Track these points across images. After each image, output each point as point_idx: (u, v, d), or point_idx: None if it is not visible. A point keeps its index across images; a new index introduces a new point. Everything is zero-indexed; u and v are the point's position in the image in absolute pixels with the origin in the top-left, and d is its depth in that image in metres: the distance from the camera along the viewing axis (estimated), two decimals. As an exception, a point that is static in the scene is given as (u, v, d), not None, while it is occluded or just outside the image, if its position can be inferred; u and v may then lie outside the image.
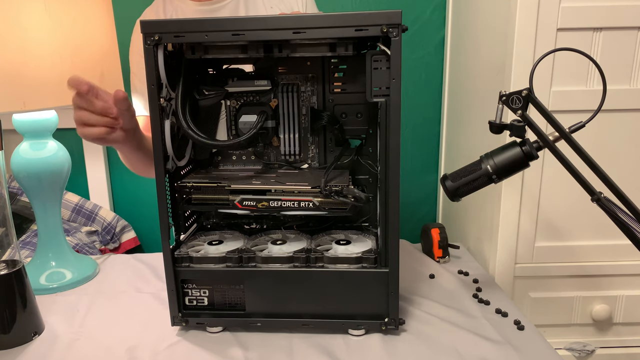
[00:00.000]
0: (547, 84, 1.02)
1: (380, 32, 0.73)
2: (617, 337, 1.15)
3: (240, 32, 0.75)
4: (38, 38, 0.93)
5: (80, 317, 0.93)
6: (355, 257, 0.83)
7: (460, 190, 0.82)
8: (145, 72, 0.78)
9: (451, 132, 1.46)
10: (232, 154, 0.97)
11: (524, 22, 0.98)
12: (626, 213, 0.72)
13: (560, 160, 0.75)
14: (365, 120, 0.93)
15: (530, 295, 1.13)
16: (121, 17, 1.19)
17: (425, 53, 1.49)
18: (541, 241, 1.10)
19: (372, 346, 0.82)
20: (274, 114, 0.90)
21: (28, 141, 1.04)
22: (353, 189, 0.83)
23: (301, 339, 0.84)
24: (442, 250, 1.15)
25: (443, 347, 0.81)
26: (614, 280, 1.12)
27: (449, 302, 0.96)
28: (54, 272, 1.06)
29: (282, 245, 0.88)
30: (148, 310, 0.95)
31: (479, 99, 1.22)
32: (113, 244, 1.46)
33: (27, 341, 0.86)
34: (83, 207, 1.45)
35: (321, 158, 0.96)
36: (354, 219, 0.97)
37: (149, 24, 0.76)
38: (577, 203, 1.07)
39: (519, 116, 0.77)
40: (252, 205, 0.84)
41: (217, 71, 0.93)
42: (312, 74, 0.91)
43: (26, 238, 1.33)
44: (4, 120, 0.96)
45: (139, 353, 0.82)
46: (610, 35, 1.00)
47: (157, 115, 0.79)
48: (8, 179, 1.39)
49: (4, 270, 0.85)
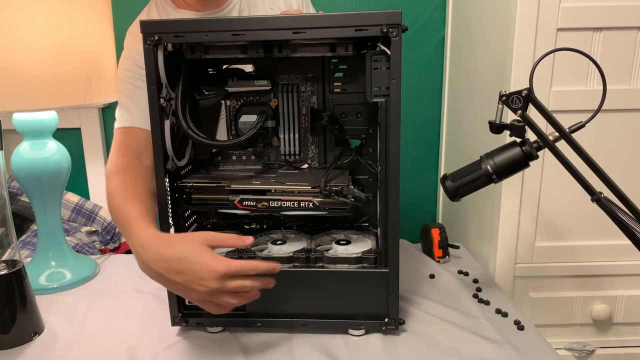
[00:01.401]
0: (547, 84, 1.01)
1: (380, 32, 0.73)
2: (617, 337, 1.15)
3: (240, 32, 0.75)
4: (26, 37, 0.93)
5: (80, 317, 0.93)
6: (355, 257, 0.83)
7: (460, 190, 0.82)
8: (145, 72, 0.78)
9: (451, 132, 1.46)
10: (232, 154, 0.97)
11: (524, 22, 0.98)
12: (626, 213, 0.72)
13: (560, 160, 0.75)
14: (365, 120, 0.93)
15: (530, 295, 1.13)
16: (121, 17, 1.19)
17: (425, 53, 1.49)
18: (541, 241, 1.10)
19: (372, 346, 0.82)
20: (274, 114, 0.90)
21: (28, 141, 1.04)
22: (353, 189, 0.83)
23: (301, 339, 0.84)
24: (442, 250, 1.15)
25: (443, 347, 0.81)
26: (614, 280, 1.12)
27: (449, 302, 0.96)
28: (54, 272, 1.06)
29: (282, 245, 0.88)
30: (148, 310, 0.95)
31: (479, 99, 1.22)
32: (113, 244, 1.46)
33: (27, 341, 0.86)
34: (83, 207, 1.45)
35: (321, 158, 0.96)
36: (354, 219, 0.97)
37: (149, 24, 0.76)
38: (577, 203, 1.07)
39: (519, 116, 0.77)
40: (252, 205, 0.84)
41: (217, 71, 0.93)
42: (312, 74, 0.91)
43: (26, 238, 1.33)
44: (4, 120, 0.96)
45: (139, 353, 0.82)
46: (610, 35, 1.00)
47: (157, 115, 0.79)
48: (8, 179, 1.39)
49: (4, 270, 0.85)
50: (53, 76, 0.96)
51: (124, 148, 0.92)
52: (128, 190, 0.84)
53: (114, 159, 0.91)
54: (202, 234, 0.73)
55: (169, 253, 0.71)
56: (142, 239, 0.74)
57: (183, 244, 0.72)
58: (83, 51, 1.01)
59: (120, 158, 0.90)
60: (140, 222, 0.76)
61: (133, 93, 0.95)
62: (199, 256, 0.70)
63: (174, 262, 0.70)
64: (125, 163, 0.89)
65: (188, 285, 0.71)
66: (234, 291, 0.72)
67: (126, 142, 0.93)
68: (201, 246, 0.71)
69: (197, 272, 0.69)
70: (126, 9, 1.27)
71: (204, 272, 0.69)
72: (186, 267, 0.70)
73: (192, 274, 0.70)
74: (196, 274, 0.69)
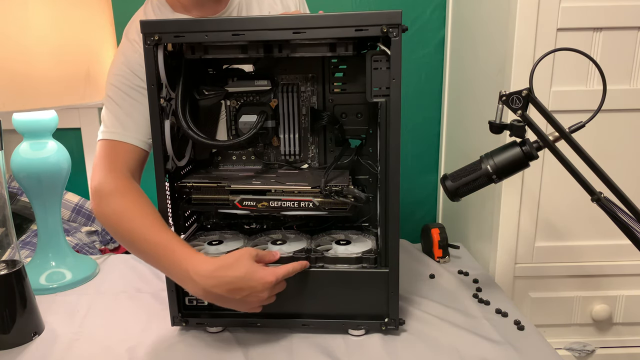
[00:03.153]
0: (547, 84, 1.02)
1: (380, 32, 0.73)
2: (617, 337, 1.15)
3: (240, 32, 0.75)
4: (25, 37, 0.93)
5: (80, 317, 0.93)
6: (356, 257, 0.83)
7: (460, 190, 0.82)
8: (145, 73, 0.78)
9: (451, 132, 1.46)
10: (232, 154, 0.97)
11: (524, 22, 0.98)
12: (626, 213, 0.72)
13: (560, 160, 0.75)
14: (365, 120, 0.93)
15: (530, 295, 1.13)
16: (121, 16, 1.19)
17: (425, 53, 1.49)
18: (541, 241, 1.10)
19: (372, 346, 0.82)
20: (274, 114, 0.90)
21: (28, 141, 1.04)
22: (353, 189, 0.83)
23: (301, 339, 0.84)
24: (442, 250, 1.15)
25: (443, 347, 0.81)
26: (614, 280, 1.12)
27: (449, 302, 0.96)
28: (54, 272, 1.06)
29: (282, 245, 0.88)
30: (148, 310, 0.95)
31: (479, 98, 1.22)
32: (113, 244, 1.46)
33: (27, 341, 0.86)
34: (83, 207, 1.45)
35: (321, 158, 0.96)
36: (354, 219, 0.97)
37: (149, 24, 0.76)
38: (577, 203, 1.07)
39: (519, 116, 0.77)
40: (252, 205, 0.84)
41: (217, 71, 0.93)
42: (312, 74, 0.91)
43: (26, 238, 1.33)
44: (4, 120, 0.96)
45: (139, 353, 0.82)
46: (610, 35, 1.00)
47: (157, 115, 0.79)
48: (8, 179, 1.39)
49: (4, 270, 0.85)
50: (53, 76, 0.96)
51: (114, 165, 0.86)
52: (145, 214, 0.81)
53: (105, 176, 0.85)
54: (247, 250, 0.78)
55: (228, 275, 0.75)
56: (195, 268, 0.75)
57: (238, 265, 0.76)
58: (82, 50, 1.00)
59: (114, 176, 0.85)
60: (185, 249, 0.78)
61: (127, 104, 0.89)
62: (254, 273, 0.76)
63: (235, 283, 0.75)
64: (123, 183, 0.84)
65: (246, 300, 0.77)
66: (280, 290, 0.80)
67: (115, 157, 0.87)
68: (252, 263, 0.77)
69: (254, 287, 0.75)
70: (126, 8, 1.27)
71: (259, 285, 0.75)
72: (245, 284, 0.75)
73: (250, 289, 0.76)
74: (254, 289, 0.76)
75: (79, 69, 1.00)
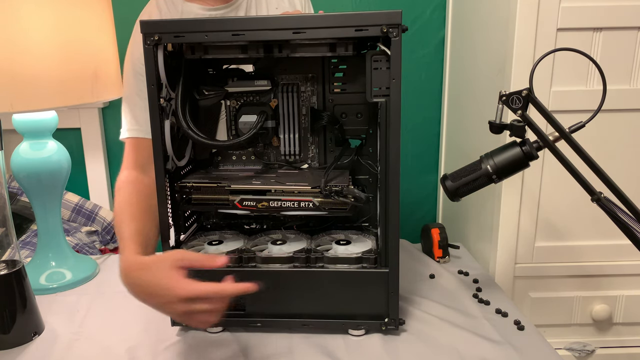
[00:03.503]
0: (547, 84, 1.02)
1: (380, 32, 0.73)
2: (617, 337, 1.15)
3: (240, 32, 0.75)
4: (30, 37, 0.92)
5: (80, 317, 0.93)
6: (356, 257, 0.83)
7: (460, 190, 0.82)
8: (145, 73, 0.78)
9: (451, 132, 1.46)
10: (232, 154, 0.97)
11: (524, 22, 0.98)
12: (626, 213, 0.72)
13: (560, 160, 0.75)
14: (365, 120, 0.93)
15: (530, 295, 1.13)
16: (121, 18, 1.19)
17: (425, 53, 1.49)
18: (541, 241, 1.10)
19: (372, 346, 0.82)
20: (274, 114, 0.90)
21: (28, 141, 1.04)
22: (353, 189, 0.83)
23: (301, 339, 0.84)
24: (442, 250, 1.15)
25: (443, 347, 0.81)
26: (614, 280, 1.12)
27: (449, 302, 0.96)
28: (54, 272, 1.06)
29: (282, 245, 0.88)
30: (148, 310, 0.95)
31: (479, 98, 1.22)
32: (113, 244, 1.46)
33: (27, 341, 0.86)
34: (83, 207, 1.45)
35: (321, 158, 0.96)
36: (354, 219, 0.97)
37: (149, 24, 0.76)
38: (577, 203, 1.07)
39: (519, 116, 0.77)
40: (252, 205, 0.84)
41: (217, 71, 0.93)
42: (312, 74, 0.91)
43: (26, 238, 1.33)
44: (4, 120, 0.96)
45: (139, 353, 0.82)
46: (610, 35, 1.00)
47: (157, 115, 0.79)
48: (8, 179, 1.39)
49: (4, 270, 0.85)
50: (59, 76, 0.95)
51: (131, 160, 0.94)
52: (126, 207, 0.86)
53: (122, 170, 0.94)
54: (173, 254, 0.74)
55: (141, 278, 0.73)
56: (122, 264, 0.77)
57: (152, 269, 0.73)
58: (88, 50, 1.00)
59: (127, 171, 0.93)
60: (127, 244, 0.79)
61: (141, 98, 0.95)
62: (163, 280, 0.71)
63: (145, 287, 0.73)
64: (130, 177, 0.92)
65: (163, 307, 0.73)
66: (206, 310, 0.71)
67: (133, 153, 0.95)
68: (168, 270, 0.71)
69: (163, 296, 0.71)
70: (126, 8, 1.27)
71: (169, 296, 0.70)
72: (154, 291, 0.72)
73: (160, 298, 0.71)
74: (163, 298, 0.71)
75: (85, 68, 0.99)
